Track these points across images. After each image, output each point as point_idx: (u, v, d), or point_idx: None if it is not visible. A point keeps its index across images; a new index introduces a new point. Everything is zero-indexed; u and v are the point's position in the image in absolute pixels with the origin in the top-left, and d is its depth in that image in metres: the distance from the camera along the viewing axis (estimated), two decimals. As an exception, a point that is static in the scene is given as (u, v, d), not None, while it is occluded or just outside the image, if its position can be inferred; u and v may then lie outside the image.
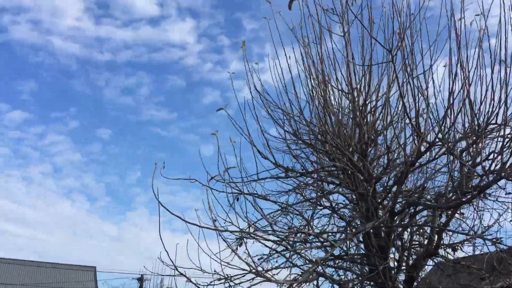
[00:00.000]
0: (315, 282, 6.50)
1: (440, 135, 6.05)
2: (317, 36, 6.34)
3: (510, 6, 5.57)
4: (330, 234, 7.27)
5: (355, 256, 7.26)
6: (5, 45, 52.15)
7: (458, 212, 7.14)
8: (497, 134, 6.03)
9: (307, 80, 6.69)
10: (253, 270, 5.41)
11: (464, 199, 6.14)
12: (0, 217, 46.67)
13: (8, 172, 49.50)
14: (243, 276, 5.78)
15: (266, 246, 6.42)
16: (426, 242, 7.25)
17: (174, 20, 55.07)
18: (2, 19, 50.21)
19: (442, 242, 7.13)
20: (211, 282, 5.91)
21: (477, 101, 5.89)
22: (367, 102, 6.69)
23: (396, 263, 7.16)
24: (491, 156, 5.87)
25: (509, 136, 5.77)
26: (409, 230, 7.46)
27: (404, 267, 7.14)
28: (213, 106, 57.74)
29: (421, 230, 7.72)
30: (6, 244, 44.83)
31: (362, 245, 6.95)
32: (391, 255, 6.95)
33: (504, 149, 5.66)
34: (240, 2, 58.49)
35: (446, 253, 7.57)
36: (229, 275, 5.87)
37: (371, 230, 6.34)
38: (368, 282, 6.85)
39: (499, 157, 5.67)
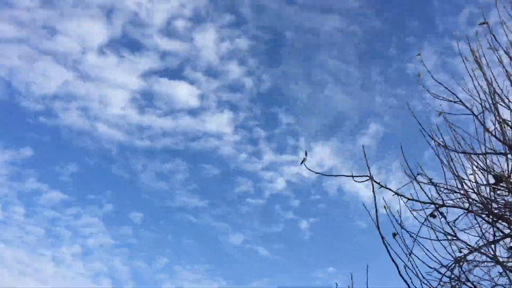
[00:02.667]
0: None
1: None
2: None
3: None
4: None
5: None
6: (53, 129, 57.12)
7: None
8: None
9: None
10: None
11: None
12: (25, 298, 48.27)
13: (40, 251, 51.95)
14: None
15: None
16: None
17: (213, 111, 59.14)
18: (54, 105, 55.56)
19: None
20: None
21: None
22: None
23: None
24: None
25: None
26: None
27: None
28: (244, 196, 59.04)
29: None
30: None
31: None
32: None
33: None
34: (277, 98, 62.40)
35: None
36: None
37: None
38: None
39: None
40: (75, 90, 59.38)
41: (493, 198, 5.15)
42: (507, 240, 5.02)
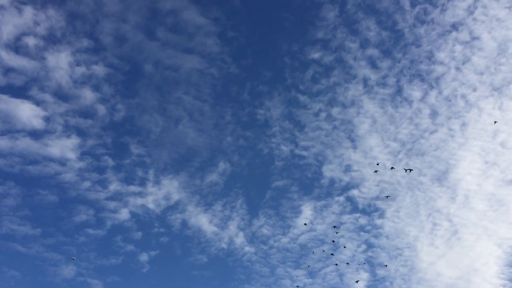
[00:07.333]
0: None
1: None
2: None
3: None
4: None
5: None
6: None
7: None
8: None
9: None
10: None
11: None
12: None
13: None
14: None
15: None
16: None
17: (58, 135, 57.03)
18: None
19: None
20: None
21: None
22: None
23: None
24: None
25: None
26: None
27: None
28: (83, 226, 57.21)
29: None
30: None
31: None
32: None
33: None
34: (130, 128, 62.37)
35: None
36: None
37: None
38: None
39: None
40: None
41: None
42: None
